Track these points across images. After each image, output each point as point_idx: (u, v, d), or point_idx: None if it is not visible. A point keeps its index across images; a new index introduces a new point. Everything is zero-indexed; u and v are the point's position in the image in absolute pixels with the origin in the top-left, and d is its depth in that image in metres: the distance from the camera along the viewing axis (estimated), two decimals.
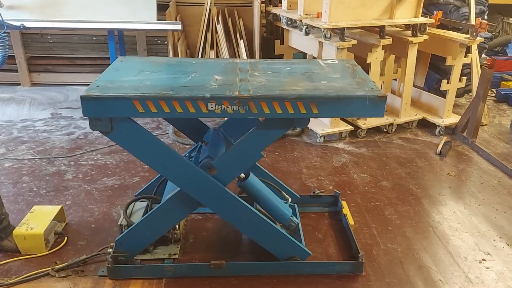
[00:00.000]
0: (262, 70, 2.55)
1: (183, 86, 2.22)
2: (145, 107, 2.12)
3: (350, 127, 4.37)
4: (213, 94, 2.12)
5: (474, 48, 4.73)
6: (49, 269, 2.52)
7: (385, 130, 4.55)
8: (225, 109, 2.13)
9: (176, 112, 2.14)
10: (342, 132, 4.35)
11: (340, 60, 2.79)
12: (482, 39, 4.55)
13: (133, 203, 2.81)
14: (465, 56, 4.46)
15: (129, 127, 2.24)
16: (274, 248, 2.55)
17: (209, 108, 2.12)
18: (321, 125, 4.38)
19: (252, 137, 2.35)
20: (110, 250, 2.52)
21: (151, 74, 2.43)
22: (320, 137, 4.28)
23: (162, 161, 2.34)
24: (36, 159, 3.83)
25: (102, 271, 2.52)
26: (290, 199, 2.83)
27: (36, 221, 2.73)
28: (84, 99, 2.11)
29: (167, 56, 5.09)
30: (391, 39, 4.18)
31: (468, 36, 4.36)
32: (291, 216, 2.70)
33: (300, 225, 2.78)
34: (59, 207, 2.92)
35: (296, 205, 3.03)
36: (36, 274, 2.49)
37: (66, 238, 2.81)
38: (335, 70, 2.57)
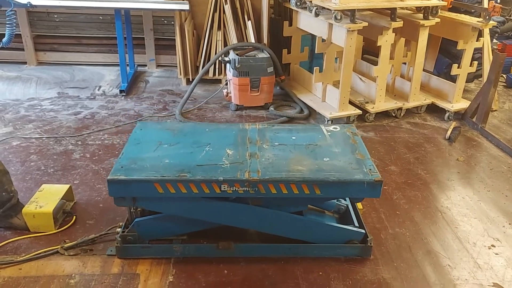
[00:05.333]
0: (270, 141, 2.69)
1: (199, 166, 2.38)
2: (165, 189, 2.28)
3: (359, 111, 4.34)
4: (225, 177, 2.29)
5: (486, 32, 4.66)
6: (58, 248, 2.54)
7: (393, 115, 4.51)
8: (236, 189, 2.30)
9: (192, 193, 2.30)
10: (350, 116, 4.32)
11: (341, 127, 2.91)
12: (495, 23, 4.47)
13: None
14: (476, 40, 4.40)
15: (150, 201, 2.42)
16: (330, 241, 2.58)
17: (222, 189, 2.29)
18: (329, 109, 4.35)
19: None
20: (118, 229, 2.53)
21: (169, 148, 2.57)
22: (328, 120, 4.25)
23: (191, 209, 2.45)
24: (44, 138, 3.83)
25: (111, 250, 2.54)
26: None
27: (45, 199, 2.73)
28: (110, 182, 2.26)
29: (174, 36, 5.05)
30: (402, 22, 4.12)
31: (480, 19, 4.28)
32: (337, 200, 2.76)
33: (349, 206, 2.80)
34: (68, 186, 2.93)
35: None
36: (45, 252, 2.51)
37: (74, 217, 2.82)
38: (336, 142, 2.71)
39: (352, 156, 2.55)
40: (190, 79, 5.13)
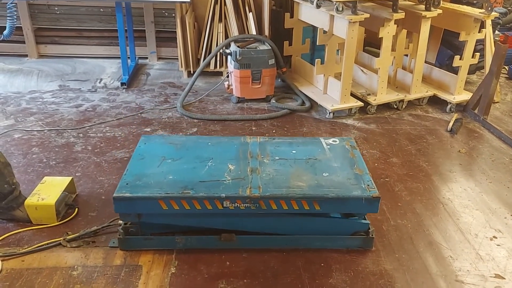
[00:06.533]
0: (270, 155, 2.74)
1: (201, 182, 2.44)
2: (169, 205, 2.35)
3: (360, 103, 4.33)
4: (228, 194, 2.35)
5: (488, 23, 4.63)
6: (60, 240, 2.55)
7: (395, 107, 4.50)
8: (238, 206, 2.36)
9: (195, 209, 2.36)
10: (351, 108, 4.31)
11: (340, 140, 2.96)
12: (497, 14, 4.45)
13: None
14: (479, 32, 4.37)
15: (154, 216, 2.47)
16: (338, 233, 2.60)
17: (224, 205, 2.36)
18: (331, 101, 4.34)
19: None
20: (121, 221, 2.54)
21: (172, 163, 2.63)
22: (329, 113, 4.25)
23: (194, 221, 2.51)
24: (45, 131, 3.83)
25: (113, 242, 2.55)
26: None
27: (47, 191, 2.74)
28: (116, 199, 2.33)
29: (175, 29, 5.03)
30: (404, 13, 4.09)
31: (482, 10, 4.25)
32: None
33: None
34: (70, 178, 2.93)
35: None
36: (47, 244, 2.52)
37: (76, 209, 2.83)
38: (335, 156, 2.76)
39: (351, 170, 2.61)
40: (191, 72, 5.12)
